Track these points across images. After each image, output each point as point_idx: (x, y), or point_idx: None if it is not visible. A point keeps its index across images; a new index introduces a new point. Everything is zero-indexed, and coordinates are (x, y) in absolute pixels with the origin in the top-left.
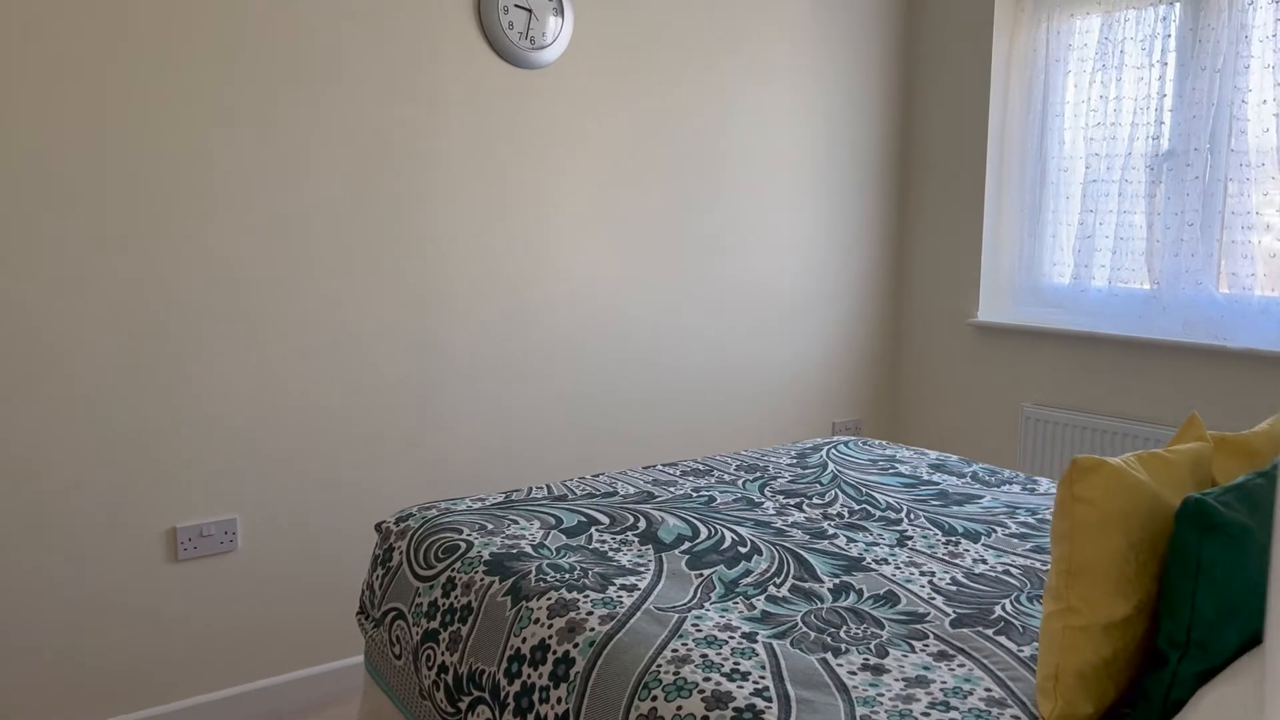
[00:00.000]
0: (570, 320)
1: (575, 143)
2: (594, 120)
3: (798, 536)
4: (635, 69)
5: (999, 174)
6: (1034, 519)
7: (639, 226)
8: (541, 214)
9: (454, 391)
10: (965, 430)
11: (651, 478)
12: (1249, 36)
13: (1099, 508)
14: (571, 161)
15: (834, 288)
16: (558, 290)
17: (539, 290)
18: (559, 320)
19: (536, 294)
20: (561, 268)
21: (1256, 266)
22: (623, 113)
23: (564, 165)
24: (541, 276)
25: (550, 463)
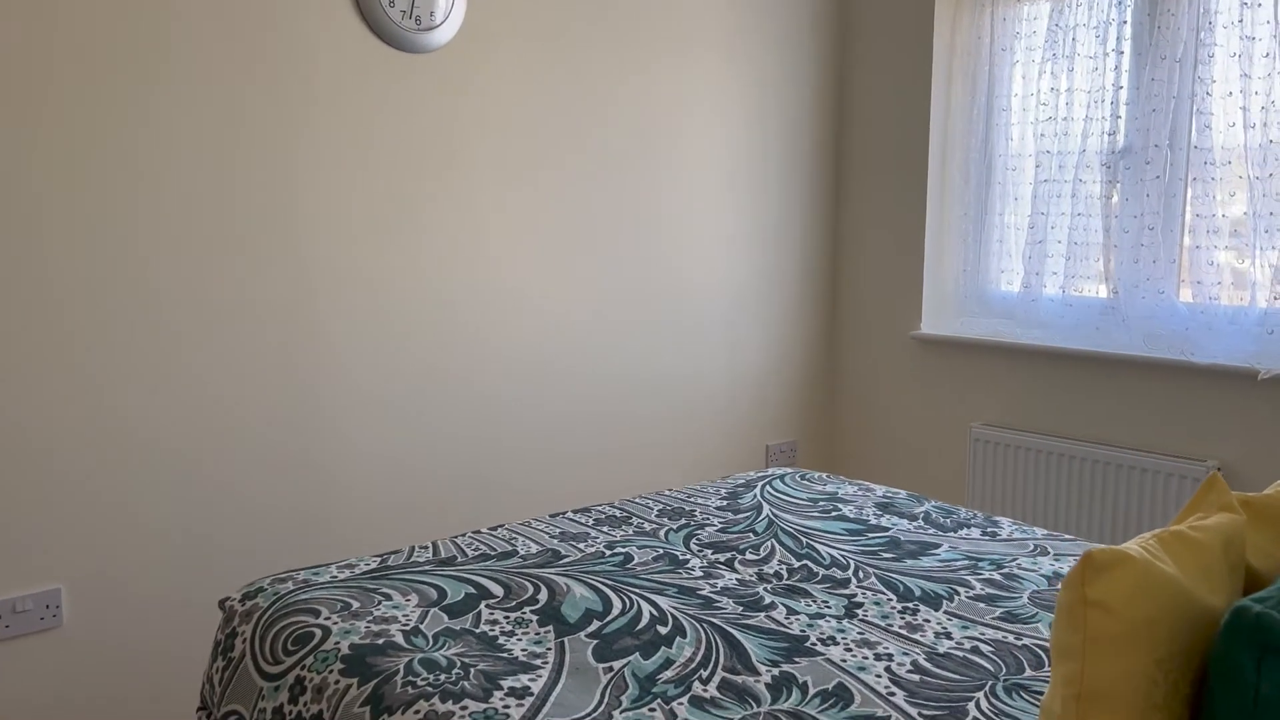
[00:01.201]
0: (469, 343)
1: (473, 137)
2: (494, 112)
3: (729, 609)
4: (542, 53)
5: (942, 173)
6: (999, 574)
7: (548, 235)
8: (434, 220)
9: (331, 429)
10: (910, 454)
11: (559, 529)
12: (1212, 23)
13: (1119, 616)
14: (469, 159)
15: (766, 297)
16: (449, 308)
17: (428, 308)
18: (455, 343)
19: (425, 312)
20: (455, 281)
21: (1222, 274)
22: (528, 103)
23: (460, 163)
24: (431, 291)
25: (445, 509)
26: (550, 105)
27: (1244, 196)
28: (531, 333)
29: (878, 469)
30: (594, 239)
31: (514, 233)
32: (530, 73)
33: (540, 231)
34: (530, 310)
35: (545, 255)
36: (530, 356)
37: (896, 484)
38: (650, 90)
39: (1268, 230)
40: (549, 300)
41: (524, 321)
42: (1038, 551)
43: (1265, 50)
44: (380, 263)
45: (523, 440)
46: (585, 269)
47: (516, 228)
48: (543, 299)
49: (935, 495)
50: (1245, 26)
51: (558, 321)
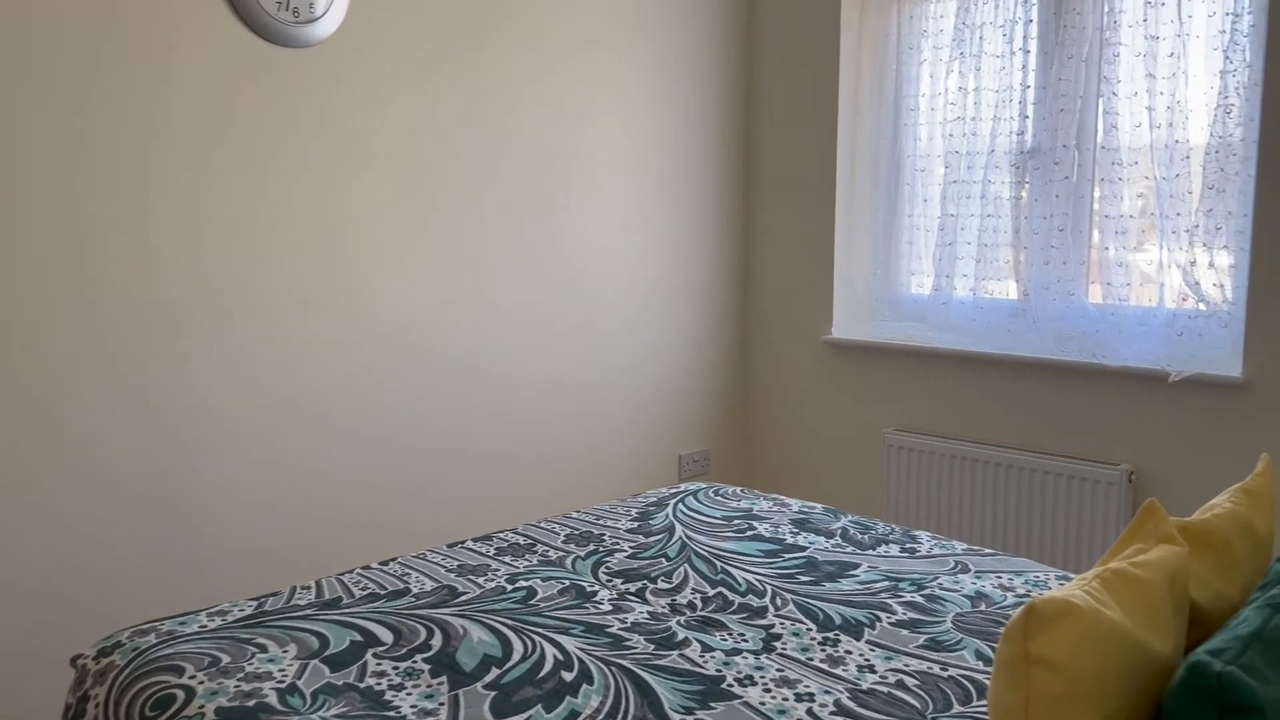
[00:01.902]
0: (355, 355)
1: (357, 139)
2: (383, 110)
3: (640, 647)
4: (435, 48)
5: (851, 175)
6: (921, 596)
7: (443, 238)
8: (313, 228)
9: (197, 458)
10: (825, 460)
11: (457, 562)
12: (1117, 22)
13: (1065, 673)
14: (353, 162)
15: (676, 303)
16: (328, 324)
17: (303, 324)
18: (335, 360)
19: (300, 328)
20: (334, 295)
21: (1131, 275)
22: (420, 100)
23: (343, 167)
24: (307, 306)
25: (331, 543)
26: (443, 106)
27: (1151, 197)
28: (426, 347)
29: (792, 476)
30: (492, 246)
31: (405, 241)
32: (421, 71)
33: (436, 240)
34: (423, 323)
35: (440, 264)
36: (423, 373)
37: (812, 491)
38: (551, 91)
39: (1174, 231)
40: (443, 313)
41: (417, 335)
42: (958, 569)
43: (1169, 50)
44: (249, 275)
45: (417, 463)
46: (482, 278)
47: (406, 236)
48: (435, 312)
49: (850, 502)
50: (1149, 26)
51: (453, 335)
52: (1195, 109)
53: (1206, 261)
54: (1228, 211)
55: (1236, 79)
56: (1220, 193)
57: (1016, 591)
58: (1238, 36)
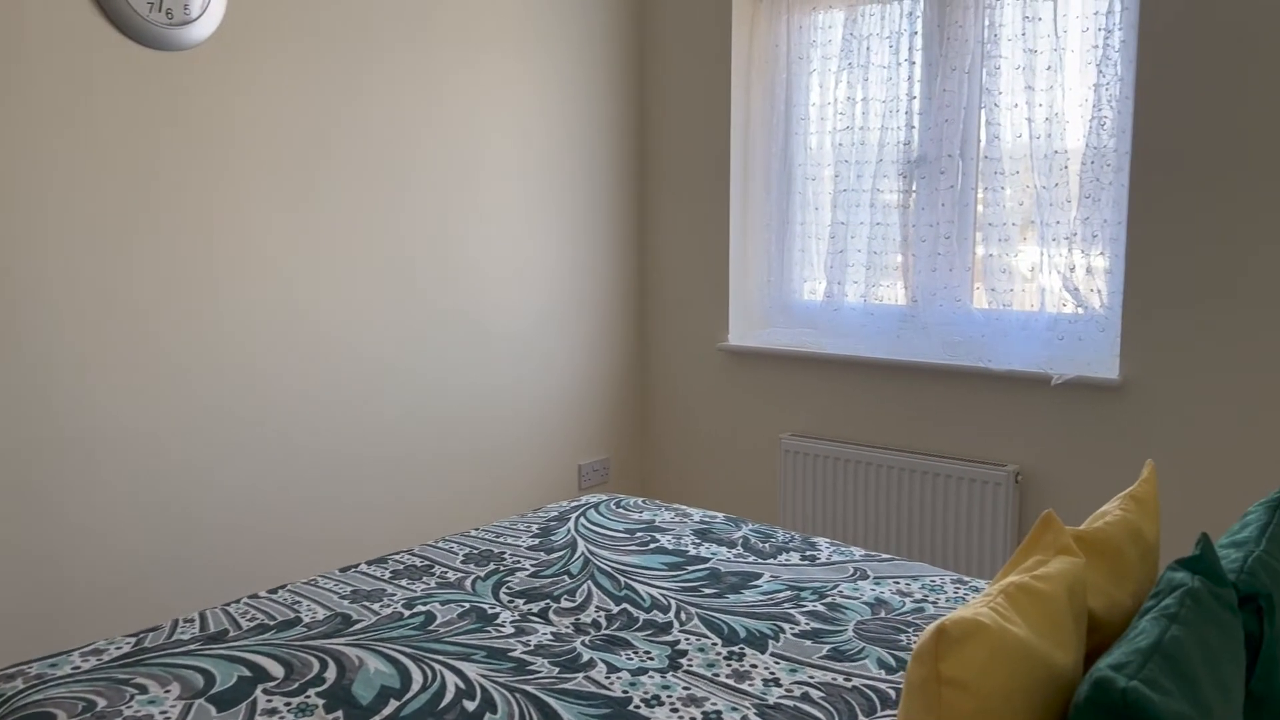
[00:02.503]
0: (233, 369)
1: (237, 145)
2: (265, 115)
3: (544, 671)
4: (320, 51)
5: (744, 183)
6: (822, 605)
7: (329, 246)
8: (198, 234)
9: (69, 470)
10: (724, 467)
11: (351, 587)
12: (997, 35)
13: (974, 692)
14: (232, 170)
15: (573, 310)
16: (214, 330)
17: (179, 337)
18: (217, 370)
19: (181, 336)
20: (221, 301)
21: (1014, 281)
22: (304, 105)
23: (222, 174)
24: (184, 318)
25: (215, 570)
26: (329, 111)
27: (1031, 205)
28: (311, 359)
29: (691, 483)
30: (379, 254)
31: (288, 249)
32: (305, 75)
33: (321, 248)
34: (307, 335)
35: (325, 273)
36: (309, 385)
37: (711, 498)
38: (441, 96)
39: (1054, 238)
40: (329, 324)
41: (302, 348)
42: (858, 575)
43: (1047, 63)
44: (120, 286)
45: (306, 482)
46: (370, 287)
47: (290, 244)
48: (321, 323)
49: (749, 509)
50: (1028, 40)
51: (340, 347)
52: (1072, 120)
53: (1084, 267)
54: (1103, 219)
55: (1109, 91)
56: (1096, 200)
57: (914, 597)
58: (1109, 51)
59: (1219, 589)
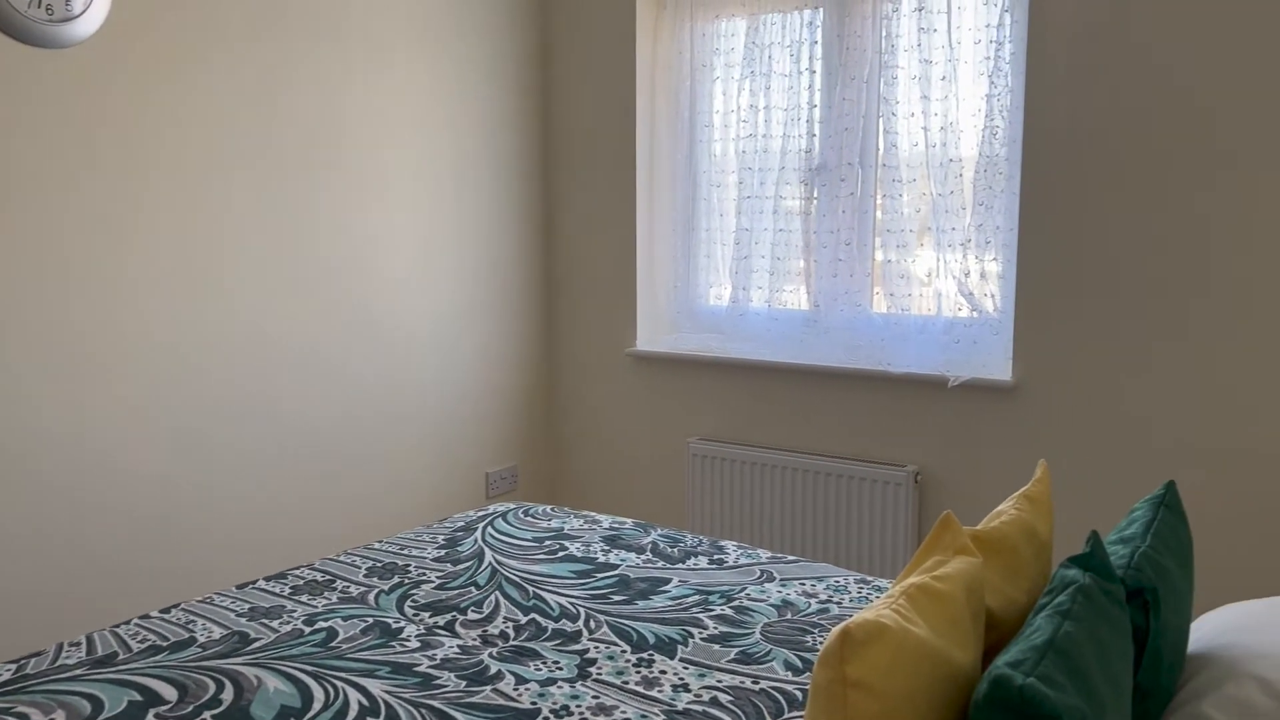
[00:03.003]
0: (122, 378)
1: (122, 145)
2: (153, 115)
3: (451, 685)
4: (212, 50)
5: (650, 188)
6: (730, 608)
7: (225, 251)
8: (78, 241)
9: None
10: (632, 473)
11: (248, 605)
12: (895, 46)
13: (879, 694)
14: (115, 171)
15: (479, 317)
16: (100, 339)
17: (51, 347)
18: (105, 381)
19: (70, 347)
20: (106, 310)
21: (912, 286)
22: (196, 105)
23: (105, 176)
24: (75, 324)
25: (102, 592)
26: (221, 111)
27: (928, 211)
28: (206, 368)
29: (601, 489)
30: (278, 259)
31: (181, 253)
32: (197, 74)
33: (218, 252)
34: (202, 341)
35: (222, 278)
36: (204, 396)
37: (620, 503)
38: (343, 100)
39: (949, 244)
40: (225, 330)
41: (197, 355)
42: (764, 578)
43: (941, 73)
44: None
45: (200, 494)
46: (267, 290)
47: (183, 248)
48: (218, 329)
49: (659, 514)
50: (923, 51)
51: (237, 354)
52: (966, 129)
53: (978, 272)
54: (996, 225)
55: (1000, 102)
56: (989, 207)
57: (820, 598)
58: (1000, 63)
59: (1108, 585)
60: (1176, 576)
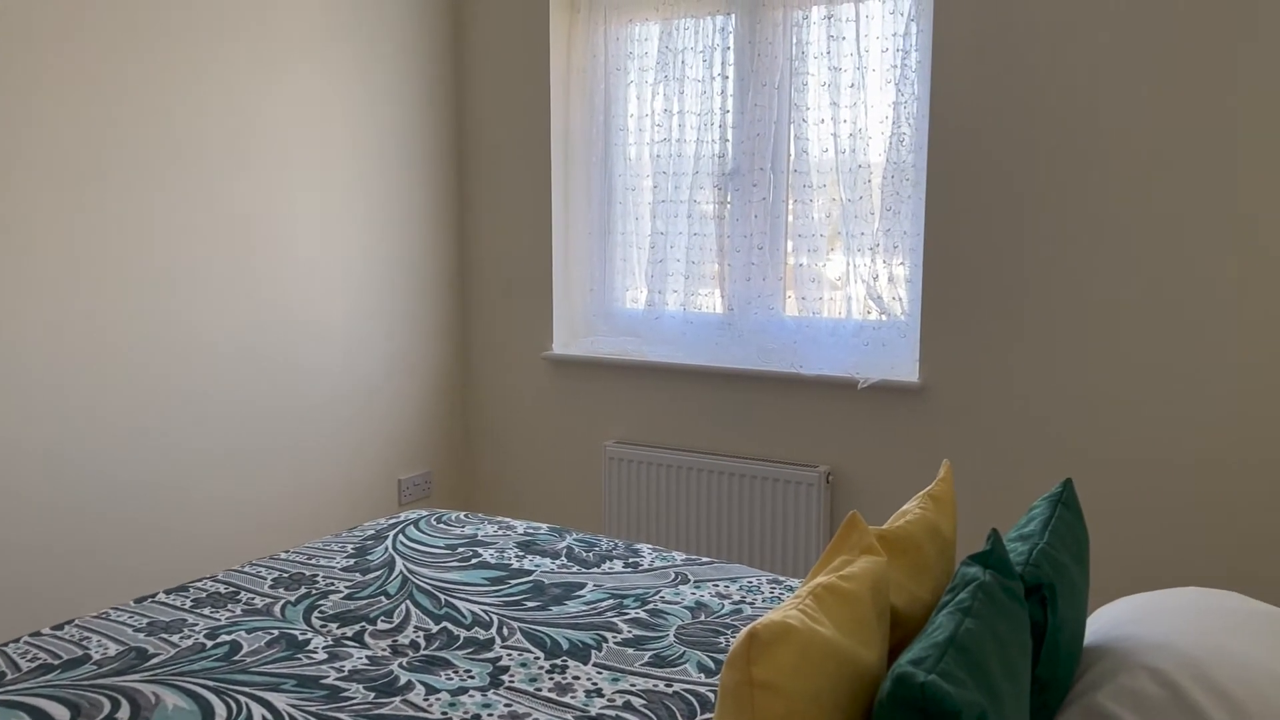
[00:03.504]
0: (10, 386)
1: (20, 148)
2: (34, 111)
3: (359, 697)
4: (118, 44)
5: (565, 192)
6: (644, 612)
7: (124, 254)
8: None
9: None
10: (548, 477)
11: (147, 619)
12: (805, 53)
13: (785, 694)
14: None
15: (391, 322)
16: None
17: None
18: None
19: None
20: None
21: (822, 289)
22: (94, 107)
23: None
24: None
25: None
26: (122, 108)
27: (838, 216)
28: (104, 374)
29: (517, 494)
30: (178, 260)
31: (72, 256)
32: (98, 74)
33: (108, 255)
34: (96, 349)
35: (116, 281)
36: (103, 402)
37: (537, 508)
38: (248, 97)
39: (859, 249)
40: (126, 336)
41: (95, 365)
42: (679, 580)
43: (850, 81)
44: None
45: (99, 505)
46: (167, 295)
47: (74, 250)
48: (117, 335)
49: (575, 518)
50: (832, 58)
51: (138, 362)
52: (874, 135)
53: (887, 276)
54: (903, 230)
55: (907, 109)
56: (896, 213)
57: (733, 599)
58: (907, 71)
59: (1008, 582)
60: (1073, 572)
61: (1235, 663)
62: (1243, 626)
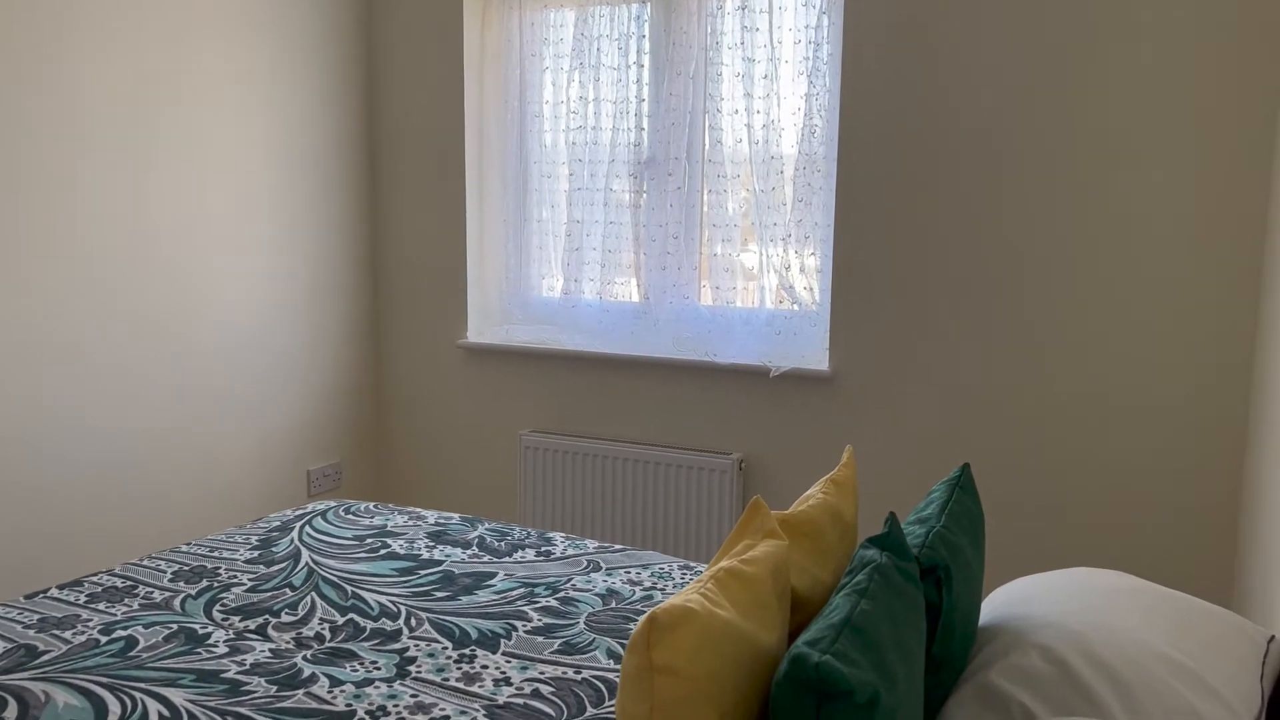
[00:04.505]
0: None
1: None
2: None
3: (260, 691)
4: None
5: (480, 179)
6: (555, 600)
7: (19, 243)
8: None
9: None
10: (463, 468)
11: (38, 615)
12: (719, 43)
13: (685, 677)
14: None
15: (298, 311)
16: None
17: None
18: None
19: None
20: None
21: (736, 279)
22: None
23: None
24: None
25: None
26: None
27: (752, 206)
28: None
29: (431, 485)
30: (73, 244)
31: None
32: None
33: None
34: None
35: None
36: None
37: (451, 499)
38: (150, 83)
39: (772, 239)
40: (28, 324)
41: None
42: (590, 568)
43: (764, 72)
44: None
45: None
46: (64, 280)
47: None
48: (18, 322)
49: (491, 509)
50: (746, 49)
51: (36, 349)
52: (787, 127)
53: (799, 266)
54: (815, 221)
55: (819, 101)
56: (808, 204)
57: (644, 585)
58: (819, 63)
59: (903, 563)
60: (969, 554)
61: (1119, 639)
62: (1127, 603)
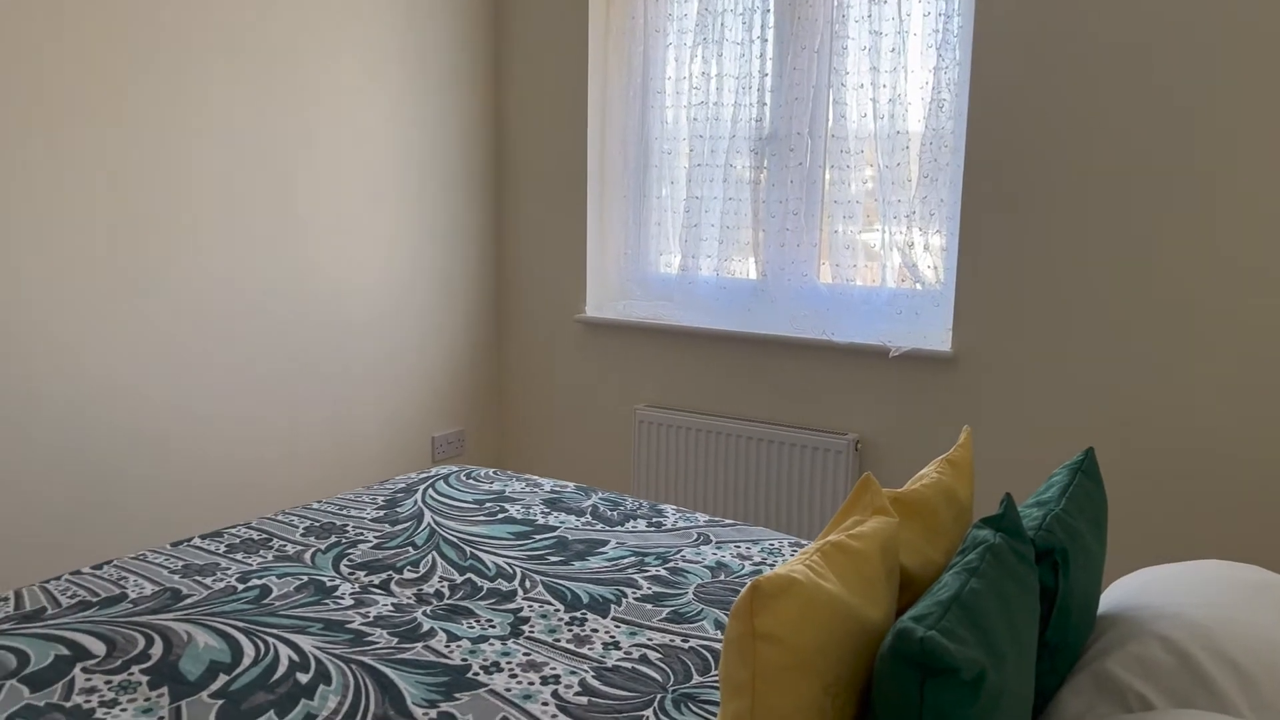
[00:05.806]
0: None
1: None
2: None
3: (383, 642)
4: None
5: (601, 156)
6: (665, 569)
7: (156, 227)
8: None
9: None
10: (578, 438)
11: (182, 562)
12: (845, 16)
13: (788, 646)
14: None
15: (426, 285)
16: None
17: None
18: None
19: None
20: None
21: (857, 257)
22: (117, 91)
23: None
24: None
25: (34, 545)
26: (153, 94)
27: (875, 183)
28: (149, 332)
29: (548, 455)
30: (215, 227)
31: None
32: (142, 78)
33: (149, 228)
34: (152, 295)
35: (172, 246)
36: (150, 353)
37: (567, 469)
38: (295, 81)
39: (895, 216)
40: (171, 276)
41: (150, 306)
42: (700, 540)
43: (891, 45)
44: None
45: (140, 451)
46: (221, 250)
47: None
48: (166, 282)
49: (604, 479)
50: (873, 22)
51: (185, 317)
52: (913, 102)
53: (923, 244)
54: (940, 199)
55: (948, 75)
56: (934, 181)
57: (754, 560)
58: (949, 36)
59: (1018, 545)
60: (1089, 539)
61: (1248, 634)
62: (1258, 598)
